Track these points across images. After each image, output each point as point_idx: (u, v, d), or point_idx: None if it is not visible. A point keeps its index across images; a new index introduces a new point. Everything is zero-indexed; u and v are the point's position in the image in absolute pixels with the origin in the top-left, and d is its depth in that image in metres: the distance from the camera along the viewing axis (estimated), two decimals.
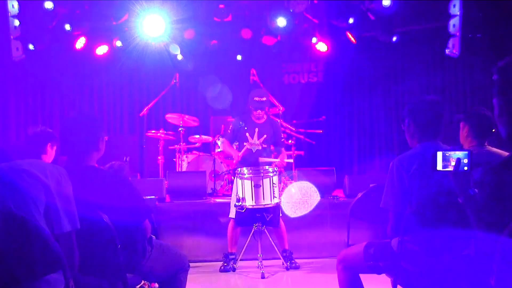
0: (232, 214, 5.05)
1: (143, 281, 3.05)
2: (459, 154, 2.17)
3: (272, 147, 5.44)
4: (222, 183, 7.09)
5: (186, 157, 7.34)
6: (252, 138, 5.24)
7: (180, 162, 7.23)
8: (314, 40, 8.15)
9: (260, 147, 5.24)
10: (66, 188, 2.13)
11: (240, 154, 5.22)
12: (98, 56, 8.15)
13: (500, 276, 1.66)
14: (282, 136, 5.50)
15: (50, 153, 3.45)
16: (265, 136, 5.25)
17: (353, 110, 9.41)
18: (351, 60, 9.29)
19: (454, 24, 7.18)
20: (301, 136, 7.79)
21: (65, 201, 2.10)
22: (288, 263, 5.11)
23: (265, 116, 5.33)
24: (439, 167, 2.20)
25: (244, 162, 5.23)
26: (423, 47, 8.90)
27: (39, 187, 2.03)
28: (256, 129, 5.24)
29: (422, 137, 2.63)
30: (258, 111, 5.20)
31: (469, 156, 2.16)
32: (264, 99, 5.19)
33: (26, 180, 2.03)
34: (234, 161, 5.32)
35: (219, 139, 7.06)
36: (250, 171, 4.84)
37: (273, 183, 4.80)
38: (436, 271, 2.32)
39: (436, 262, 2.43)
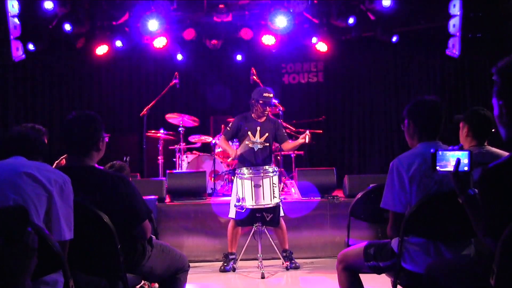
0: (232, 214, 5.05)
1: (143, 281, 3.05)
2: (459, 154, 2.17)
3: (274, 145, 5.41)
4: (222, 183, 7.08)
5: (186, 157, 7.34)
6: (254, 136, 5.23)
7: (180, 162, 7.23)
8: (314, 40, 8.15)
9: (262, 146, 5.23)
10: (69, 197, 2.13)
11: (238, 151, 5.21)
12: (98, 56, 8.16)
13: (500, 276, 1.66)
14: (285, 131, 5.49)
15: None
16: (267, 134, 5.24)
17: (353, 111, 9.41)
18: (351, 60, 9.30)
19: (454, 24, 7.18)
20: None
21: (66, 209, 2.10)
22: (288, 263, 5.11)
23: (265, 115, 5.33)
24: (439, 167, 2.20)
25: (246, 160, 5.22)
26: (423, 47, 8.90)
27: (42, 193, 2.03)
28: (258, 128, 5.23)
29: (422, 137, 2.63)
30: (266, 107, 5.18)
31: (469, 156, 2.15)
32: (272, 95, 5.19)
33: (29, 184, 2.02)
34: (231, 158, 5.30)
35: (218, 140, 7.06)
36: (250, 171, 4.84)
37: (273, 183, 4.79)
38: (436, 271, 2.32)
39: (436, 262, 2.43)
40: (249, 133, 5.22)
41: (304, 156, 7.89)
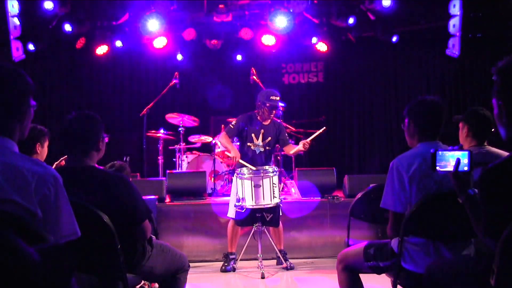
0: (231, 214, 5.04)
1: (143, 281, 3.04)
2: (459, 154, 2.17)
3: (277, 147, 5.38)
4: (222, 183, 7.09)
5: (186, 157, 7.34)
6: (257, 139, 5.19)
7: (180, 162, 7.23)
8: (314, 40, 8.15)
9: (263, 149, 5.20)
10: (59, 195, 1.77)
11: (239, 157, 5.12)
12: (98, 56, 8.16)
13: (500, 276, 1.66)
14: (286, 133, 5.47)
15: (41, 152, 3.40)
16: (269, 138, 5.20)
17: (353, 110, 9.41)
18: (351, 60, 9.30)
19: (454, 24, 7.19)
20: (301, 136, 7.78)
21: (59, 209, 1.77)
22: (289, 263, 5.11)
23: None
24: (439, 167, 2.20)
25: (246, 162, 5.19)
26: (423, 47, 8.90)
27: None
28: (262, 131, 5.19)
29: (422, 137, 2.63)
30: (273, 111, 5.14)
31: (469, 156, 2.15)
32: (279, 98, 5.15)
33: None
34: (231, 157, 5.23)
35: (219, 137, 7.04)
36: (250, 171, 4.84)
37: (273, 183, 4.79)
38: (436, 271, 2.32)
39: (436, 262, 2.43)
40: (252, 135, 5.18)
41: (304, 156, 7.89)
